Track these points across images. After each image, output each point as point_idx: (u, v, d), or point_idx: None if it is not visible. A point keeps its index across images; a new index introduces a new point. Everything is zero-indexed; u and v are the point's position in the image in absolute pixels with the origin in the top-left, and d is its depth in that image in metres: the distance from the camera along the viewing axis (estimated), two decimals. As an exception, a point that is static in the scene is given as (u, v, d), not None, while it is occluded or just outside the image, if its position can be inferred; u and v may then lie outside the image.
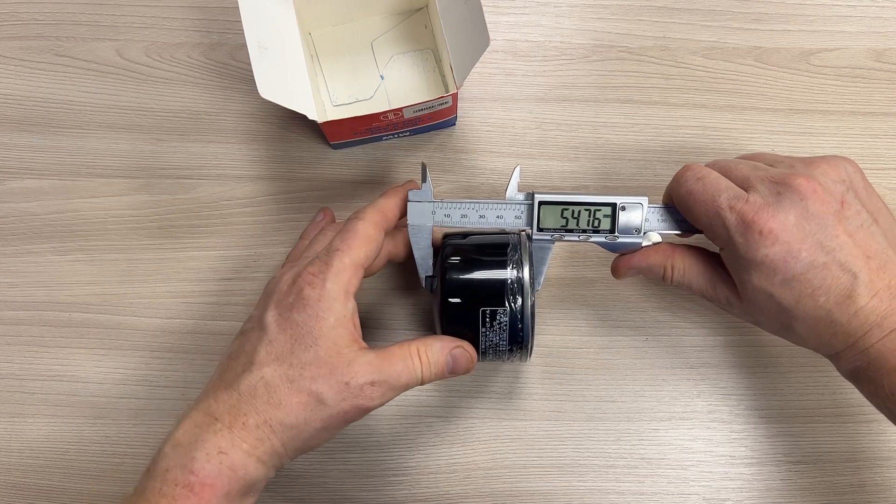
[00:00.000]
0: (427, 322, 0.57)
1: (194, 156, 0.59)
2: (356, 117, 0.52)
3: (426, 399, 0.56)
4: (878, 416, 0.46)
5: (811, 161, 0.45)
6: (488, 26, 0.46)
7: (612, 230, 0.48)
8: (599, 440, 0.55)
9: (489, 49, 0.52)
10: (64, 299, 0.57)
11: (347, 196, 0.59)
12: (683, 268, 0.47)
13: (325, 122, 0.52)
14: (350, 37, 0.60)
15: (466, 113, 0.59)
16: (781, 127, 0.59)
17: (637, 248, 0.49)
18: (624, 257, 0.49)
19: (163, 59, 0.60)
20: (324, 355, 0.42)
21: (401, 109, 0.52)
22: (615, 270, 0.50)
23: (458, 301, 0.47)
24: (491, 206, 0.49)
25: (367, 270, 0.48)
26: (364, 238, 0.46)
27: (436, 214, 0.49)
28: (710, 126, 0.59)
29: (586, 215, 0.48)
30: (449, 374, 0.46)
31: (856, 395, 0.46)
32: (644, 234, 0.48)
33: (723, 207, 0.43)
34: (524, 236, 0.49)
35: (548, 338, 0.57)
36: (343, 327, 0.43)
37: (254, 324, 0.45)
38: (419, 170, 0.52)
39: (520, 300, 0.46)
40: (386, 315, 0.57)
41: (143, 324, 0.57)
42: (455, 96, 0.53)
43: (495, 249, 0.48)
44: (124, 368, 0.56)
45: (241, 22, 0.49)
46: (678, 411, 0.56)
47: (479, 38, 0.47)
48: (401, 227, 0.51)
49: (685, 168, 0.46)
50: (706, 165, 0.47)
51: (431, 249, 0.49)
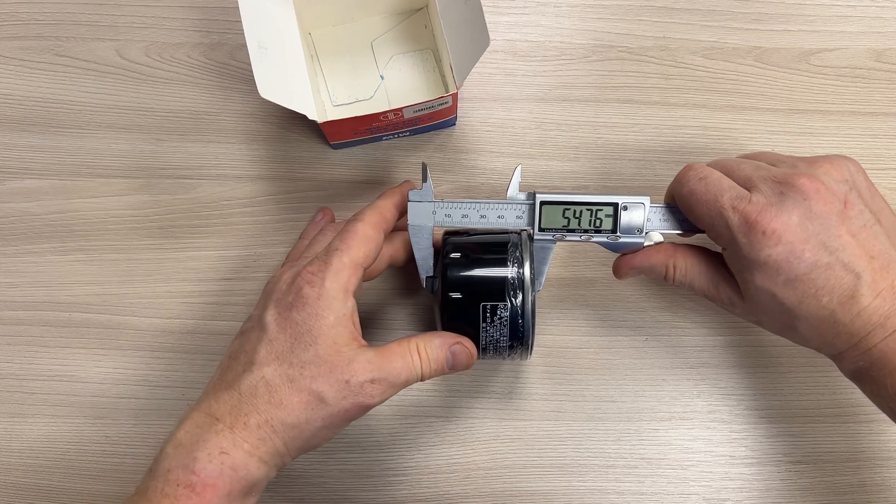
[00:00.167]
0: (427, 323, 0.57)
1: (194, 156, 0.59)
2: (356, 117, 0.52)
3: (426, 399, 0.56)
4: (879, 416, 0.46)
5: (814, 160, 0.44)
6: (488, 26, 0.46)
7: (613, 230, 0.48)
8: (599, 440, 0.55)
9: (489, 49, 0.52)
10: (64, 299, 0.57)
11: (347, 196, 0.59)
12: (685, 267, 0.47)
13: (325, 122, 0.52)
14: (350, 37, 0.60)
15: (466, 113, 0.59)
16: (781, 127, 0.59)
17: (639, 248, 0.48)
18: (626, 257, 0.49)
19: (163, 59, 0.60)
20: (324, 354, 0.42)
21: (401, 109, 0.52)
22: (617, 270, 0.50)
23: (459, 296, 0.47)
24: (492, 205, 0.49)
25: (368, 274, 0.47)
26: (363, 238, 0.46)
27: (436, 214, 0.49)
28: (710, 126, 0.59)
29: (588, 215, 0.48)
30: (449, 371, 0.46)
31: (856, 395, 0.47)
32: (646, 233, 0.48)
33: (725, 207, 0.43)
34: (525, 235, 0.49)
35: (548, 338, 0.57)
36: (342, 326, 0.43)
37: (253, 323, 0.45)
38: (419, 170, 0.52)
39: (520, 296, 0.46)
40: (386, 316, 0.57)
41: (143, 324, 0.57)
42: (455, 96, 0.53)
43: (496, 246, 0.48)
44: (124, 368, 0.56)
45: (241, 22, 0.49)
46: (678, 411, 0.56)
47: (479, 38, 0.47)
48: (400, 230, 0.51)
49: (687, 168, 0.46)
50: (708, 165, 0.46)
51: (432, 250, 0.49)
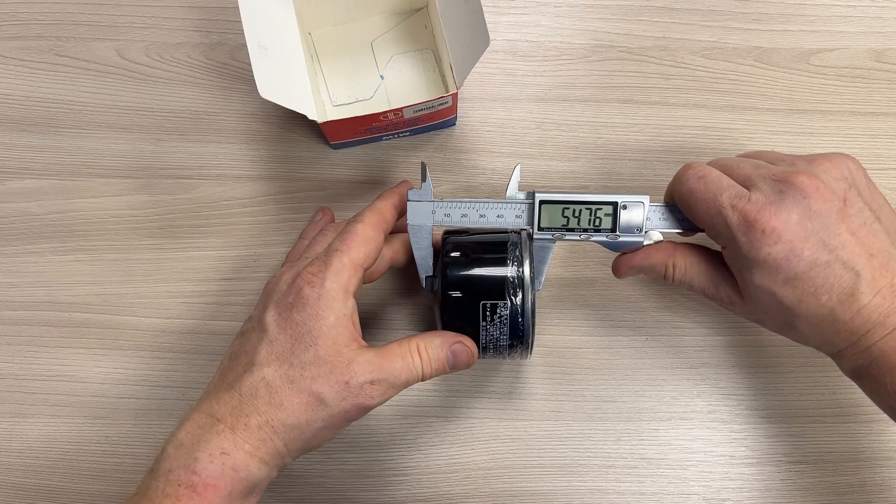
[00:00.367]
0: (427, 323, 0.57)
1: (194, 156, 0.59)
2: (356, 117, 0.52)
3: (426, 399, 0.56)
4: (879, 416, 0.46)
5: (813, 159, 0.44)
6: (488, 26, 0.46)
7: (613, 229, 0.48)
8: (599, 440, 0.55)
9: (489, 49, 0.52)
10: (64, 299, 0.57)
11: (347, 196, 0.59)
12: (685, 266, 0.47)
13: (325, 122, 0.52)
14: (350, 37, 0.60)
15: (466, 113, 0.59)
16: (781, 127, 0.59)
17: (638, 247, 0.48)
18: (625, 256, 0.49)
19: (163, 59, 0.60)
20: (324, 355, 0.42)
21: (401, 109, 0.52)
22: (616, 270, 0.50)
23: (459, 295, 0.47)
24: (491, 205, 0.49)
25: (369, 275, 0.47)
26: (363, 238, 0.45)
27: (436, 214, 0.49)
28: (710, 126, 0.59)
29: (587, 214, 0.48)
30: (450, 370, 0.46)
31: (856, 395, 0.47)
32: (645, 232, 0.48)
33: (725, 206, 0.43)
34: (524, 234, 0.49)
35: (548, 338, 0.57)
36: (343, 326, 0.43)
37: (254, 324, 0.45)
38: (419, 170, 0.52)
39: (520, 294, 0.46)
40: (386, 316, 0.57)
41: (143, 324, 0.57)
42: (455, 96, 0.53)
43: (496, 245, 0.48)
44: (124, 368, 0.56)
45: (241, 22, 0.49)
46: (678, 411, 0.56)
47: (479, 38, 0.47)
48: (400, 232, 0.51)
49: (686, 166, 0.46)
50: (707, 164, 0.46)
51: (431, 249, 0.49)
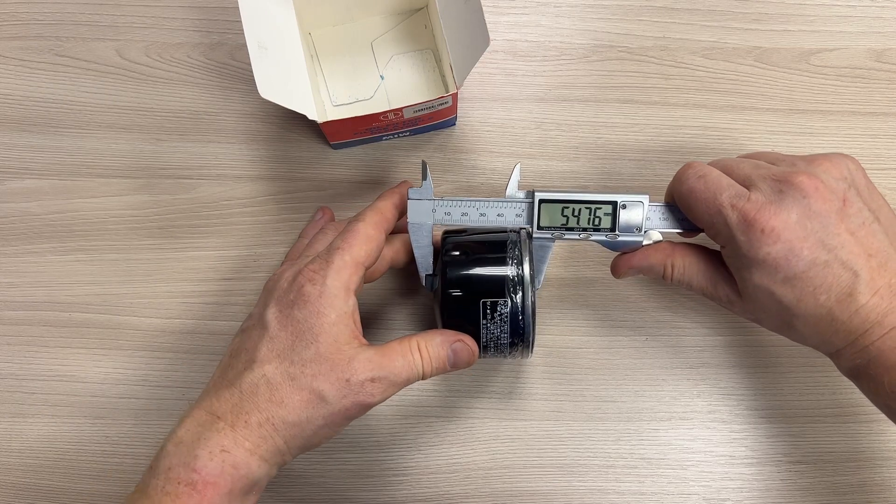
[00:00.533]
0: (427, 322, 0.57)
1: (194, 156, 0.59)
2: (356, 117, 0.52)
3: (426, 399, 0.56)
4: (879, 416, 0.46)
5: (813, 159, 0.44)
6: (488, 26, 0.46)
7: (612, 228, 0.48)
8: (599, 440, 0.55)
9: (489, 49, 0.52)
10: (64, 299, 0.57)
11: (347, 196, 0.59)
12: (684, 266, 0.47)
13: (325, 122, 0.52)
14: (350, 37, 0.60)
15: (466, 113, 0.59)
16: (781, 127, 0.59)
17: (638, 247, 0.48)
18: (624, 256, 0.49)
19: (163, 59, 0.60)
20: (324, 352, 0.42)
21: (401, 109, 0.52)
22: (615, 270, 0.50)
23: (460, 293, 0.47)
24: (491, 204, 0.49)
25: (369, 275, 0.48)
26: (364, 237, 0.46)
27: (436, 212, 0.49)
28: (710, 126, 0.59)
29: (587, 213, 0.48)
30: (451, 368, 0.46)
31: (856, 395, 0.46)
32: (645, 232, 0.48)
33: (724, 205, 0.43)
34: (524, 233, 0.49)
35: (548, 338, 0.57)
36: (343, 324, 0.43)
37: (254, 321, 0.45)
38: (419, 170, 0.52)
39: (520, 292, 0.46)
40: (386, 316, 0.57)
41: (143, 324, 0.57)
42: (455, 96, 0.53)
43: (496, 244, 0.48)
44: (124, 368, 0.56)
45: (241, 22, 0.49)
46: (678, 411, 0.56)
47: (479, 38, 0.47)
48: (401, 232, 0.51)
49: (686, 166, 0.46)
50: (708, 164, 0.46)
51: (432, 248, 0.49)
